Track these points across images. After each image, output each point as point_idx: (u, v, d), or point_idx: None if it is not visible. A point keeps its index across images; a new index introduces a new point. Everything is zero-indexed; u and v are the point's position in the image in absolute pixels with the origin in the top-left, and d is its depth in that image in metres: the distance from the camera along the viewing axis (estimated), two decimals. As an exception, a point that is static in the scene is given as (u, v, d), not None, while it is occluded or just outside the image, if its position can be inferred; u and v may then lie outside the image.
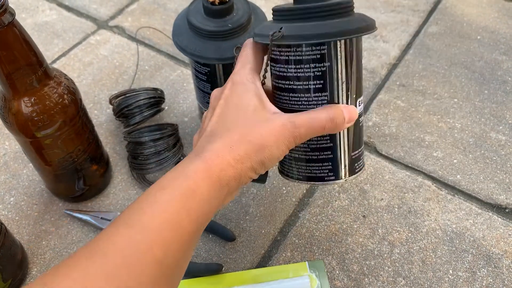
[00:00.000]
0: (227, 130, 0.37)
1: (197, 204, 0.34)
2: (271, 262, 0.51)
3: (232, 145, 0.36)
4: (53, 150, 0.48)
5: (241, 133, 0.37)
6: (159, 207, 0.32)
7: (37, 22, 0.81)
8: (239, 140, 0.36)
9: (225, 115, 0.38)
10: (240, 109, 0.38)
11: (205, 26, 0.50)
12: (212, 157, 0.35)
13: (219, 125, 0.38)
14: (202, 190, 0.34)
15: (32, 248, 0.52)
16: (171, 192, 0.33)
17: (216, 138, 0.37)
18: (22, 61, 0.42)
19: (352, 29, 0.37)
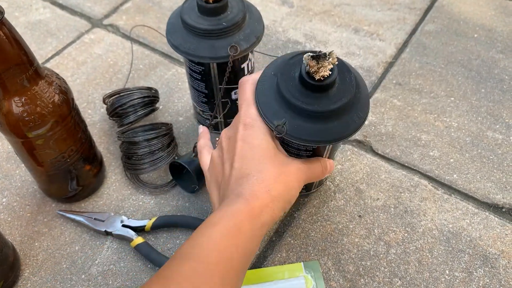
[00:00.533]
0: (258, 172, 0.40)
1: (243, 241, 0.37)
2: (266, 263, 0.50)
3: (269, 188, 0.40)
4: (45, 151, 0.48)
5: (274, 175, 0.40)
6: (213, 243, 0.37)
7: (30, 20, 0.80)
8: (274, 182, 0.40)
9: (250, 157, 0.41)
10: (262, 150, 0.41)
11: (199, 25, 0.50)
12: (253, 199, 0.39)
13: (248, 166, 0.41)
14: (245, 229, 0.38)
15: (25, 249, 0.52)
16: (221, 229, 0.37)
17: (250, 179, 0.40)
18: (12, 60, 0.41)
19: (345, 134, 0.42)
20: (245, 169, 0.41)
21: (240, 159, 0.41)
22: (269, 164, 0.41)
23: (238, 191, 0.40)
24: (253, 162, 0.41)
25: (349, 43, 0.75)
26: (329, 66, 0.40)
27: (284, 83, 0.42)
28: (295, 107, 0.41)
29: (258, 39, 0.52)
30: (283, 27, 0.78)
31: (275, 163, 0.41)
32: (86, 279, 0.49)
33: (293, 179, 0.42)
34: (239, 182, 0.40)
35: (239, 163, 0.41)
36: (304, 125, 0.42)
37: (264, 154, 0.41)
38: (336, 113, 0.42)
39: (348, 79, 0.43)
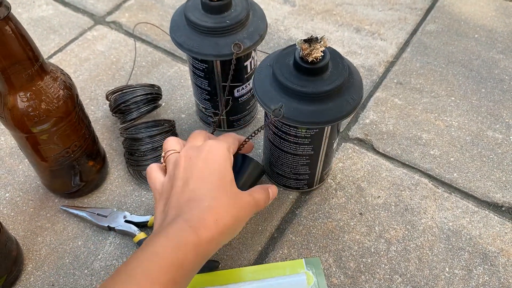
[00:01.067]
0: (212, 199, 0.40)
1: (183, 277, 0.37)
2: (268, 259, 0.51)
3: (217, 219, 0.39)
4: (49, 146, 0.48)
5: (225, 206, 0.40)
6: (150, 279, 0.35)
7: (33, 17, 0.80)
8: (224, 212, 0.40)
9: (207, 181, 0.41)
10: (220, 178, 0.42)
11: (203, 22, 0.50)
12: (201, 229, 0.38)
13: (203, 190, 0.41)
14: (189, 262, 0.37)
15: (28, 244, 0.52)
16: (162, 263, 0.36)
17: (202, 204, 0.40)
18: (18, 55, 0.41)
19: (340, 116, 0.44)
20: (199, 193, 0.41)
21: (197, 181, 0.41)
22: (223, 193, 0.41)
23: (187, 216, 0.39)
24: (208, 187, 0.41)
25: (350, 42, 0.75)
26: (321, 48, 0.42)
27: (279, 70, 0.45)
28: (290, 91, 0.44)
29: (261, 37, 0.53)
30: (285, 26, 0.78)
31: (229, 193, 0.42)
32: (89, 274, 0.50)
33: (242, 213, 0.42)
34: (190, 206, 0.40)
35: (195, 185, 0.41)
36: (300, 107, 0.43)
37: (221, 182, 0.42)
38: (330, 95, 0.44)
39: (340, 65, 0.45)
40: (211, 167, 0.42)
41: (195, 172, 0.42)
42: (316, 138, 0.47)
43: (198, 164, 0.42)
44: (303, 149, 0.49)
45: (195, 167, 0.42)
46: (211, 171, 0.42)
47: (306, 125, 0.44)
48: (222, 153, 0.44)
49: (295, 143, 0.48)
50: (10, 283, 0.49)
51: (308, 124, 0.44)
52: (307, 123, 0.44)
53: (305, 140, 0.47)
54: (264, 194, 0.46)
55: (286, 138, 0.48)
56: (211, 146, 0.44)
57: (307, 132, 0.46)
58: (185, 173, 0.42)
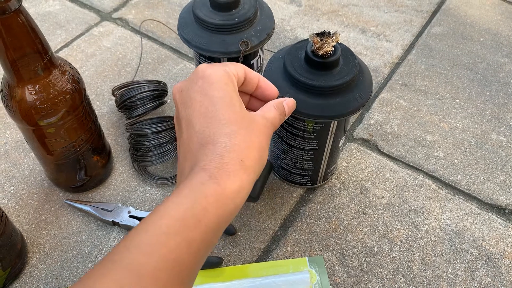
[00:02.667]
0: (226, 136, 0.32)
1: (201, 234, 0.29)
2: (271, 257, 0.51)
3: (242, 158, 0.32)
4: (55, 139, 0.48)
5: (245, 139, 0.33)
6: (157, 241, 0.28)
7: (40, 12, 0.80)
8: (246, 149, 0.32)
9: (213, 115, 0.33)
10: (226, 106, 0.34)
11: (211, 19, 0.50)
12: (224, 176, 0.31)
13: (212, 128, 0.33)
14: (210, 218, 0.30)
15: (32, 237, 0.52)
16: (171, 222, 0.29)
17: (218, 146, 0.32)
18: (27, 48, 0.42)
19: (346, 112, 0.44)
20: (209, 133, 0.33)
21: (200, 118, 0.33)
22: (237, 124, 0.33)
23: (203, 164, 0.31)
24: (217, 122, 0.33)
25: (356, 43, 0.76)
26: (332, 43, 0.43)
27: (290, 62, 0.45)
28: (299, 83, 0.44)
29: (269, 35, 0.53)
30: (291, 26, 0.79)
31: (244, 122, 0.33)
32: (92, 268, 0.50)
33: (264, 139, 0.34)
34: (204, 151, 0.32)
35: (200, 123, 0.33)
36: (307, 100, 0.44)
37: (229, 111, 0.33)
38: (338, 91, 0.44)
39: (351, 62, 0.45)
40: (211, 95, 0.34)
41: (195, 108, 0.34)
42: (321, 133, 0.48)
43: (195, 97, 0.34)
44: (308, 143, 0.49)
45: (192, 101, 0.34)
46: (214, 101, 0.34)
47: (311, 118, 0.45)
48: (220, 76, 0.35)
49: (300, 137, 0.48)
50: (14, 276, 0.49)
51: (313, 117, 0.44)
52: (312, 116, 0.44)
53: (310, 134, 0.48)
54: (278, 112, 0.38)
55: (292, 131, 0.48)
56: (203, 71, 0.35)
57: (314, 127, 0.47)
58: (184, 111, 0.35)
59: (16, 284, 0.49)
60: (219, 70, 0.35)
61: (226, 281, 0.48)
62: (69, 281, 0.49)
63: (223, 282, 0.48)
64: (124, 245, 0.28)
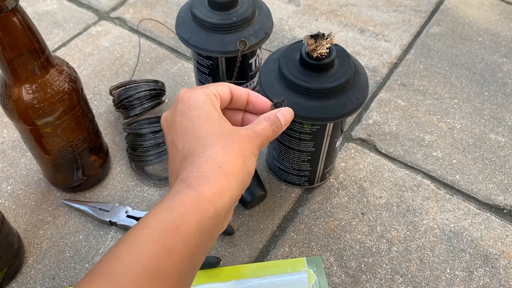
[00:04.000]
0: (203, 147, 0.33)
1: (183, 240, 0.29)
2: (269, 257, 0.51)
3: (220, 165, 0.32)
4: (52, 139, 0.48)
5: (222, 147, 0.33)
6: (136, 250, 0.28)
7: (37, 11, 0.80)
8: (224, 155, 0.33)
9: (191, 131, 0.34)
10: (203, 120, 0.35)
11: (209, 19, 0.50)
12: (201, 183, 0.31)
13: (190, 143, 0.34)
14: (189, 223, 0.29)
15: (29, 237, 0.52)
16: (151, 232, 0.29)
17: (196, 158, 0.33)
18: (24, 47, 0.41)
19: (342, 113, 0.44)
20: (188, 148, 0.34)
21: (181, 137, 0.35)
22: (215, 135, 0.34)
23: (182, 177, 0.32)
24: (195, 137, 0.34)
25: (354, 43, 0.76)
26: (326, 44, 0.42)
27: (285, 64, 0.45)
28: (294, 85, 0.44)
29: (267, 35, 0.53)
30: (289, 25, 0.79)
31: (221, 133, 0.34)
32: (89, 268, 0.50)
33: (246, 147, 0.34)
34: (184, 165, 0.33)
35: (181, 142, 0.34)
36: (302, 102, 0.44)
37: (206, 125, 0.34)
38: (334, 93, 0.44)
39: (347, 63, 0.45)
40: (189, 115, 0.35)
41: (177, 129, 0.35)
42: (318, 135, 0.48)
43: (177, 120, 0.36)
44: (304, 145, 0.49)
45: (174, 124, 0.36)
46: (191, 119, 0.35)
47: (306, 120, 0.44)
48: (197, 96, 0.36)
49: (297, 138, 0.48)
50: (11, 276, 0.48)
51: (308, 120, 0.44)
52: (307, 118, 0.44)
53: (307, 136, 0.48)
54: (269, 123, 0.37)
55: (288, 133, 0.48)
56: (182, 96, 0.36)
57: (310, 129, 0.46)
58: (169, 135, 0.36)
59: (13, 284, 0.48)
60: (197, 92, 0.36)
61: (224, 281, 0.48)
62: (66, 281, 0.48)
63: (221, 283, 0.48)
64: (106, 257, 0.29)
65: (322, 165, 0.53)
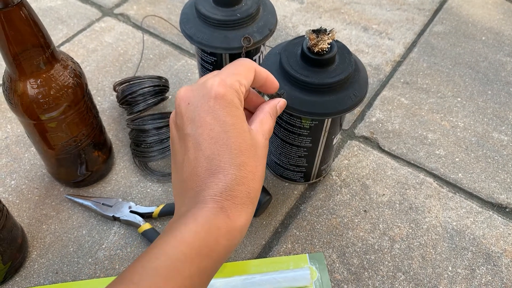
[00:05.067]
0: (236, 167, 0.33)
1: (212, 265, 0.31)
2: (272, 253, 0.51)
3: (249, 190, 0.33)
4: (57, 134, 0.48)
5: (252, 170, 0.33)
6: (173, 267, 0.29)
7: (41, 7, 0.80)
8: (252, 180, 0.33)
9: (224, 142, 0.33)
10: (237, 133, 0.33)
11: (213, 15, 0.50)
12: (234, 211, 0.32)
13: (222, 156, 0.33)
14: (220, 249, 0.31)
15: (32, 231, 0.52)
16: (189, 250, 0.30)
17: (227, 177, 0.32)
18: (29, 42, 0.41)
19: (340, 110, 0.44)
20: (219, 161, 0.32)
21: (211, 144, 0.33)
22: (246, 153, 0.33)
23: (213, 194, 0.32)
24: (228, 151, 0.33)
25: (358, 41, 0.76)
26: (328, 40, 0.43)
27: (286, 58, 0.45)
28: (294, 79, 0.44)
29: (271, 31, 0.53)
30: (293, 23, 0.79)
31: (251, 150, 0.34)
32: (92, 262, 0.50)
33: (264, 164, 0.35)
34: (213, 180, 0.32)
35: (211, 149, 0.33)
36: (301, 97, 0.44)
37: (239, 138, 0.33)
38: (333, 88, 0.44)
39: (347, 60, 0.45)
40: (223, 121, 0.33)
41: (205, 130, 0.33)
42: (315, 130, 0.48)
43: (206, 119, 0.33)
44: (302, 140, 0.49)
45: (202, 121, 0.33)
46: (224, 128, 0.33)
47: (305, 115, 0.44)
48: (232, 98, 0.34)
49: (294, 133, 0.48)
50: (15, 270, 0.49)
51: (306, 114, 0.44)
52: (306, 112, 0.44)
53: (304, 131, 0.48)
54: (273, 119, 0.38)
55: (286, 127, 0.48)
56: (216, 91, 0.34)
57: (308, 123, 0.46)
58: (192, 128, 0.34)
59: (17, 278, 0.49)
60: (231, 90, 0.34)
61: (226, 277, 0.48)
62: (69, 276, 0.49)
63: (223, 278, 0.48)
64: (142, 265, 0.30)
65: (318, 162, 0.53)
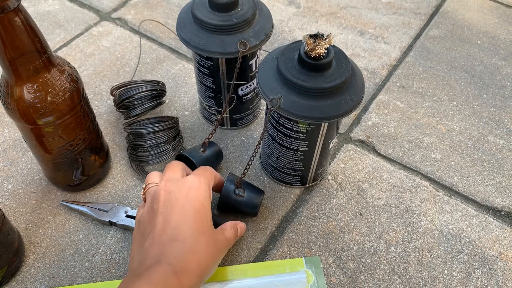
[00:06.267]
0: (194, 240, 0.40)
1: None
2: (268, 257, 0.51)
3: (199, 261, 0.40)
4: (53, 138, 0.48)
5: (206, 248, 0.41)
6: None
7: (39, 11, 0.80)
8: (205, 255, 0.41)
9: (189, 220, 0.41)
10: (201, 217, 0.42)
11: (210, 20, 0.51)
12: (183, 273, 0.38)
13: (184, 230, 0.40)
14: None
15: (29, 236, 0.52)
16: None
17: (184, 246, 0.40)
18: (26, 47, 0.42)
19: (336, 114, 0.45)
20: (182, 233, 0.40)
21: (179, 219, 0.41)
22: (204, 235, 0.41)
23: (170, 259, 0.39)
24: (190, 227, 0.41)
25: (354, 45, 0.76)
26: (325, 45, 0.43)
27: (283, 62, 0.45)
28: (290, 83, 0.44)
29: (267, 36, 0.53)
30: (289, 27, 0.79)
31: (209, 235, 0.42)
32: (89, 267, 0.50)
33: (220, 253, 0.43)
34: (173, 247, 0.39)
35: (177, 223, 0.41)
36: (298, 101, 0.44)
37: (202, 223, 0.42)
38: (330, 93, 0.44)
39: (344, 65, 0.45)
40: (193, 205, 0.42)
41: (177, 209, 0.41)
42: (312, 134, 0.48)
43: (180, 200, 0.42)
44: (298, 144, 0.49)
45: (176, 202, 0.42)
46: (193, 210, 0.42)
47: (301, 119, 0.45)
48: (204, 191, 0.44)
49: (291, 137, 0.49)
50: (11, 274, 0.49)
51: (303, 118, 0.44)
52: (302, 117, 0.44)
53: (301, 135, 0.48)
54: (233, 233, 0.47)
55: (283, 131, 0.49)
56: (192, 182, 0.44)
57: (305, 128, 0.47)
58: (165, 208, 0.42)
59: (13, 283, 0.49)
60: (204, 186, 0.44)
61: (222, 281, 0.48)
62: (66, 280, 0.49)
63: (220, 282, 0.48)
64: None
65: (315, 165, 0.53)
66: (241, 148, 0.61)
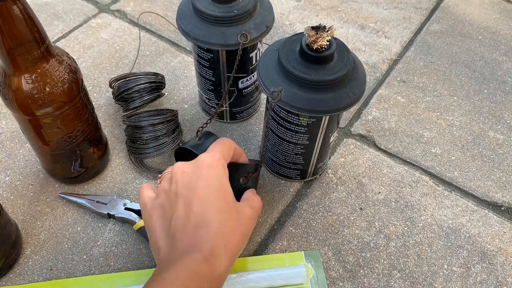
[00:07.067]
0: (219, 223, 0.39)
1: None
2: (267, 251, 0.51)
3: (226, 244, 0.38)
4: (52, 129, 0.48)
5: (232, 227, 0.39)
6: None
7: (37, 2, 0.80)
8: (232, 235, 0.39)
9: (211, 202, 0.39)
10: (222, 196, 0.40)
11: (210, 11, 0.50)
12: (213, 258, 0.37)
13: (208, 214, 0.39)
14: None
15: (27, 228, 0.52)
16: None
17: (211, 231, 0.38)
18: (24, 36, 0.41)
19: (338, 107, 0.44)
20: (206, 217, 0.39)
21: (200, 203, 0.39)
22: (229, 214, 0.40)
23: (197, 244, 0.38)
24: (213, 209, 0.39)
25: (355, 39, 0.76)
26: (327, 37, 0.42)
27: (285, 55, 0.45)
28: (292, 76, 0.44)
29: (268, 28, 0.52)
30: (290, 21, 0.78)
31: (233, 213, 0.40)
32: (87, 259, 0.49)
33: (248, 229, 0.42)
34: (199, 233, 0.38)
35: (199, 207, 0.39)
36: (299, 93, 0.44)
37: (223, 201, 0.40)
38: (331, 86, 0.44)
39: (346, 58, 0.45)
40: (212, 184, 0.40)
41: (198, 192, 0.40)
42: (312, 128, 0.47)
43: (198, 183, 0.40)
44: (298, 137, 0.49)
45: (194, 185, 0.40)
46: (213, 191, 0.40)
47: (302, 112, 0.44)
48: (219, 168, 0.41)
49: (292, 130, 0.48)
50: (8, 267, 0.48)
51: (304, 111, 0.44)
52: (303, 110, 0.44)
53: (301, 128, 0.48)
54: (258, 200, 0.45)
55: (284, 125, 0.48)
56: (207, 163, 0.41)
57: (306, 121, 0.46)
58: (185, 190, 0.40)
59: (11, 275, 0.48)
60: (219, 163, 0.42)
61: (222, 274, 0.48)
62: (64, 272, 0.48)
63: (218, 275, 0.48)
64: None
65: (315, 159, 0.53)
66: (241, 141, 0.61)
